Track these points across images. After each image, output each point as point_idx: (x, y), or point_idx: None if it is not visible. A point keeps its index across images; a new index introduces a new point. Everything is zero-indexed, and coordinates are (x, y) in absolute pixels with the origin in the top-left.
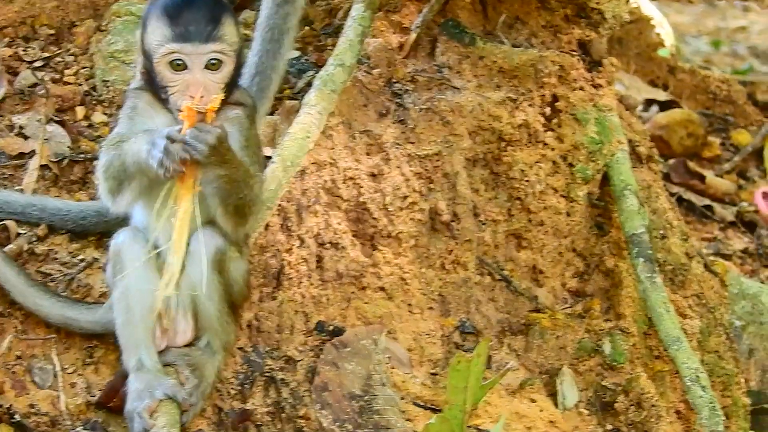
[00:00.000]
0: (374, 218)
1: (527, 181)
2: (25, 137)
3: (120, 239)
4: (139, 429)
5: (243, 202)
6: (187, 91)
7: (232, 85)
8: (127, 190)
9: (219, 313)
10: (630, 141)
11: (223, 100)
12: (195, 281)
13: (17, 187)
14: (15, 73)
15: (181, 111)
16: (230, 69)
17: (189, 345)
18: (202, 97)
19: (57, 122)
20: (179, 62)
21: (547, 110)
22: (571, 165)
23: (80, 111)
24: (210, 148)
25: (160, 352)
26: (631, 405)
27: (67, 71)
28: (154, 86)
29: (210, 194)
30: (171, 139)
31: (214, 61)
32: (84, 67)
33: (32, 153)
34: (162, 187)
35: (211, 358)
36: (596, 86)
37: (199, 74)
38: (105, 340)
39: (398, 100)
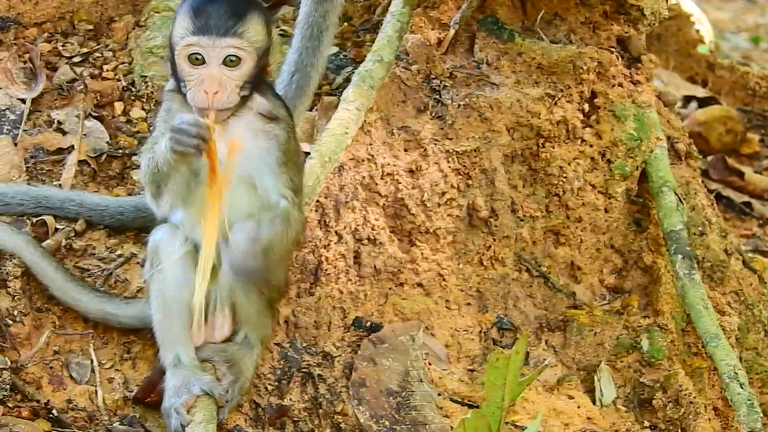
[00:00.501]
0: (412, 214)
1: (565, 177)
2: (64, 132)
3: (158, 236)
4: (176, 425)
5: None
6: (202, 86)
7: (252, 85)
8: (165, 193)
9: (257, 307)
10: (669, 137)
11: (258, 113)
12: (231, 276)
13: (55, 183)
14: (54, 69)
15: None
16: (250, 67)
17: (227, 340)
18: (216, 92)
19: (95, 118)
20: (197, 56)
21: (586, 107)
22: (609, 161)
23: (119, 106)
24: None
25: (197, 348)
26: (669, 402)
27: (105, 67)
28: (178, 83)
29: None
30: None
31: (232, 58)
32: (122, 63)
33: (70, 148)
34: (197, 187)
35: (249, 353)
36: (635, 83)
37: (216, 69)
38: (142, 335)
39: (436, 96)
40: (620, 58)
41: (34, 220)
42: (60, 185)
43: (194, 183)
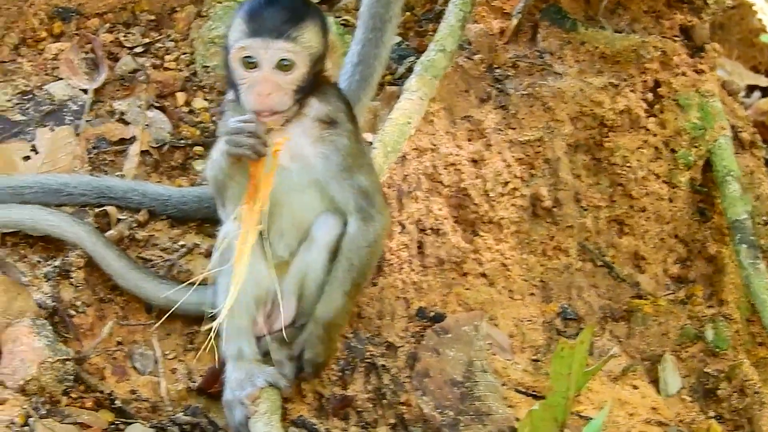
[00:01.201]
0: (475, 204)
1: (629, 166)
2: (126, 123)
3: (229, 228)
4: (240, 418)
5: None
6: (254, 89)
7: (309, 90)
8: (227, 202)
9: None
10: (732, 127)
11: (318, 118)
12: (307, 269)
13: (118, 173)
14: (116, 59)
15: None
16: (303, 72)
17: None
18: (269, 94)
19: (157, 108)
20: (251, 60)
21: (649, 96)
22: (673, 151)
23: (181, 97)
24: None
25: (259, 339)
26: (734, 392)
27: (167, 57)
28: (233, 88)
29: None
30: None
31: (285, 62)
32: (184, 53)
33: (133, 139)
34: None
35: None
36: (699, 72)
37: (268, 73)
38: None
39: (499, 86)
40: (684, 47)
41: (96, 210)
42: (123, 175)
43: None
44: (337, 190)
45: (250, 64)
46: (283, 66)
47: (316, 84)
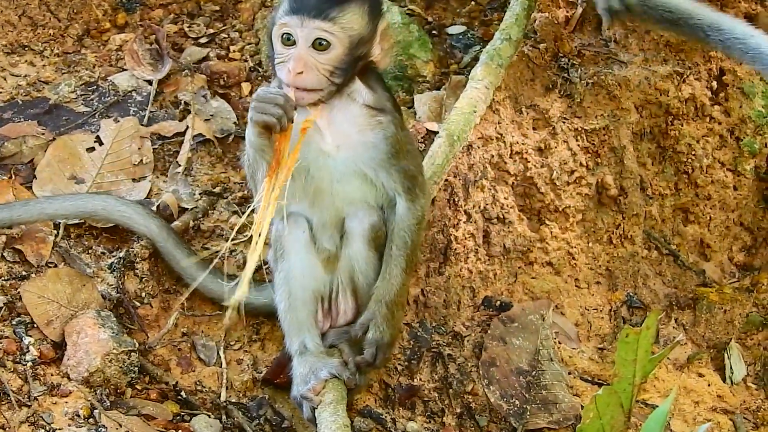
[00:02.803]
0: (541, 193)
1: (694, 155)
2: (190, 113)
3: (280, 225)
4: (308, 412)
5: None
6: (287, 65)
7: (352, 73)
8: (259, 185)
9: None
10: None
11: (365, 105)
12: (352, 261)
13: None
14: (180, 50)
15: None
16: (339, 53)
17: (350, 323)
18: (301, 73)
19: (222, 98)
20: (289, 36)
21: (714, 84)
22: (738, 139)
23: (246, 87)
24: None
25: (323, 334)
26: None
27: (232, 47)
28: (272, 65)
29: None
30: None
31: (321, 41)
32: (249, 44)
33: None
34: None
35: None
36: None
37: (304, 50)
38: (271, 316)
39: (565, 75)
40: None
41: (158, 202)
42: (179, 165)
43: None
44: (385, 177)
45: (288, 40)
46: (319, 45)
47: (362, 69)
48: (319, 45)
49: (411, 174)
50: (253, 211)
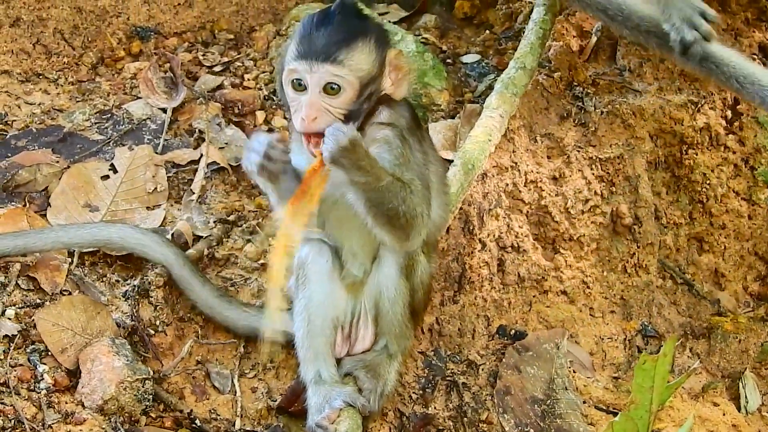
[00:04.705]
0: (556, 221)
1: (709, 184)
2: (204, 142)
3: (305, 252)
4: None
5: (394, 214)
6: (300, 112)
7: (361, 113)
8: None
9: (401, 317)
10: None
11: (373, 120)
12: (381, 287)
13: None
14: (195, 78)
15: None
16: (351, 95)
17: (367, 350)
18: (315, 119)
19: (237, 126)
20: (299, 82)
21: (729, 113)
22: (752, 168)
23: (260, 115)
24: (340, 150)
25: (339, 359)
26: None
27: (246, 76)
28: (286, 106)
29: (354, 202)
30: (272, 146)
31: (332, 86)
32: (263, 72)
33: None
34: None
35: (388, 360)
36: None
37: (315, 96)
38: (286, 344)
39: (579, 103)
40: (762, 65)
41: (172, 230)
42: (193, 192)
43: None
44: None
45: (299, 86)
46: (330, 90)
47: (380, 100)
48: (331, 89)
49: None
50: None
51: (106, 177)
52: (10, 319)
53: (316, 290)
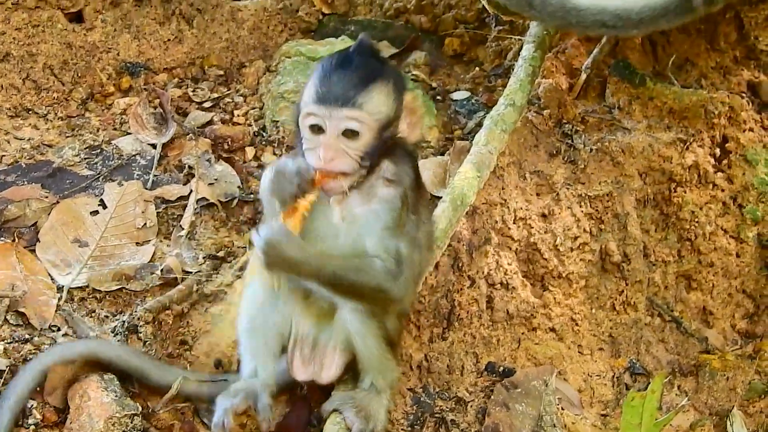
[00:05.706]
0: (545, 258)
1: (697, 222)
2: (194, 177)
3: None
4: (216, 418)
5: (357, 290)
6: (318, 152)
7: (377, 155)
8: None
9: (377, 350)
10: None
11: (382, 177)
12: (346, 323)
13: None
14: (185, 114)
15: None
16: (369, 139)
17: (353, 387)
18: (332, 159)
19: (227, 162)
20: (317, 125)
21: (717, 151)
22: (741, 206)
23: (250, 151)
24: (260, 250)
25: (326, 393)
26: None
27: (236, 112)
28: (299, 142)
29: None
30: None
31: (350, 130)
32: (253, 108)
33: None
34: None
35: (377, 398)
36: (766, 128)
37: (333, 140)
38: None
39: (568, 141)
40: (751, 104)
41: (162, 266)
42: (182, 228)
43: None
44: (370, 245)
45: (317, 129)
46: (349, 133)
47: (390, 146)
48: (349, 133)
49: (398, 259)
50: None
51: (96, 212)
52: None
53: (260, 289)
